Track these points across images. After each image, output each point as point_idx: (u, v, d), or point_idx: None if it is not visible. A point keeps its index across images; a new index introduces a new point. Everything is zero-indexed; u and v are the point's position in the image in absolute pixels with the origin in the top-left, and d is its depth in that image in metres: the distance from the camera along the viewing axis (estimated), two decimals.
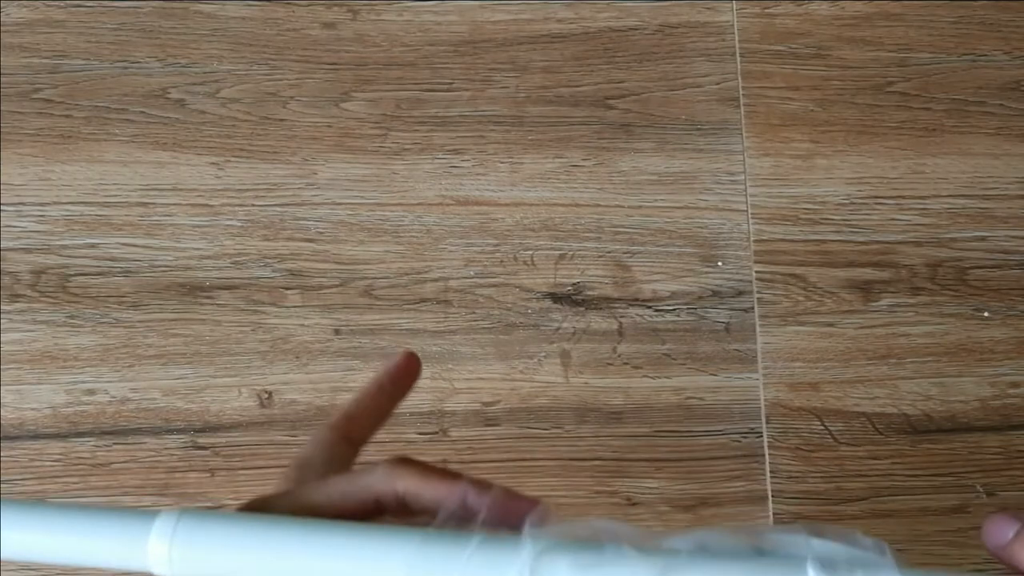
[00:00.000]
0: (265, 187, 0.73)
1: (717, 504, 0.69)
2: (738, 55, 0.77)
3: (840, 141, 0.75)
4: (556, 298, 0.72)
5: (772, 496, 0.69)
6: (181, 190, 0.73)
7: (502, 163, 0.74)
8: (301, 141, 0.74)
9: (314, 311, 0.71)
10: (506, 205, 0.73)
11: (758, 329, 0.71)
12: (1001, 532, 0.24)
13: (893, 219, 0.73)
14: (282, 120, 0.74)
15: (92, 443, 0.68)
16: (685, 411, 0.70)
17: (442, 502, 0.28)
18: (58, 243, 0.71)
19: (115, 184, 0.73)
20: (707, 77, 0.76)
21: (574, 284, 0.72)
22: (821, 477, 0.70)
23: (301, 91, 0.75)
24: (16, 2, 0.76)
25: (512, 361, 0.70)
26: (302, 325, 0.71)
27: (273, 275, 0.71)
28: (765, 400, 0.71)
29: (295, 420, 0.69)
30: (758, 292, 0.72)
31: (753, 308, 0.72)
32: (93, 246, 0.71)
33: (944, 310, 0.72)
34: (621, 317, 0.71)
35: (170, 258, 0.71)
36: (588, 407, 0.70)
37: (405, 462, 0.29)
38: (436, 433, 0.69)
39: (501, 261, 0.72)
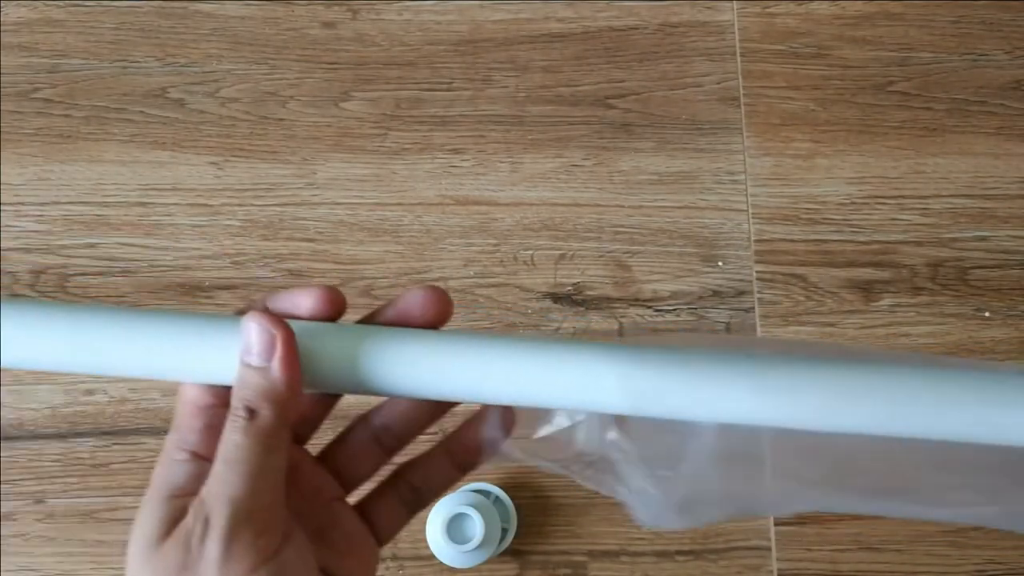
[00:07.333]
0: (264, 187, 0.73)
1: None
2: (739, 54, 0.77)
3: (841, 141, 0.75)
4: (556, 298, 0.71)
5: None
6: (180, 190, 0.73)
7: (502, 163, 0.74)
8: (300, 141, 0.74)
9: None
10: (506, 205, 0.73)
11: (759, 329, 0.71)
12: None
13: (894, 219, 0.73)
14: (281, 120, 0.74)
15: (91, 443, 0.68)
16: None
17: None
18: (57, 243, 0.71)
19: (114, 184, 0.73)
20: (707, 76, 0.76)
21: (574, 284, 0.72)
22: None
23: (300, 90, 0.75)
24: (15, 1, 0.76)
25: None
26: None
27: (272, 275, 0.71)
28: None
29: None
30: (759, 292, 0.72)
31: (754, 308, 0.71)
32: (92, 246, 0.71)
33: (945, 310, 0.72)
34: (621, 317, 0.71)
35: (169, 258, 0.71)
36: None
37: None
38: (436, 433, 0.69)
39: (501, 261, 0.72)
